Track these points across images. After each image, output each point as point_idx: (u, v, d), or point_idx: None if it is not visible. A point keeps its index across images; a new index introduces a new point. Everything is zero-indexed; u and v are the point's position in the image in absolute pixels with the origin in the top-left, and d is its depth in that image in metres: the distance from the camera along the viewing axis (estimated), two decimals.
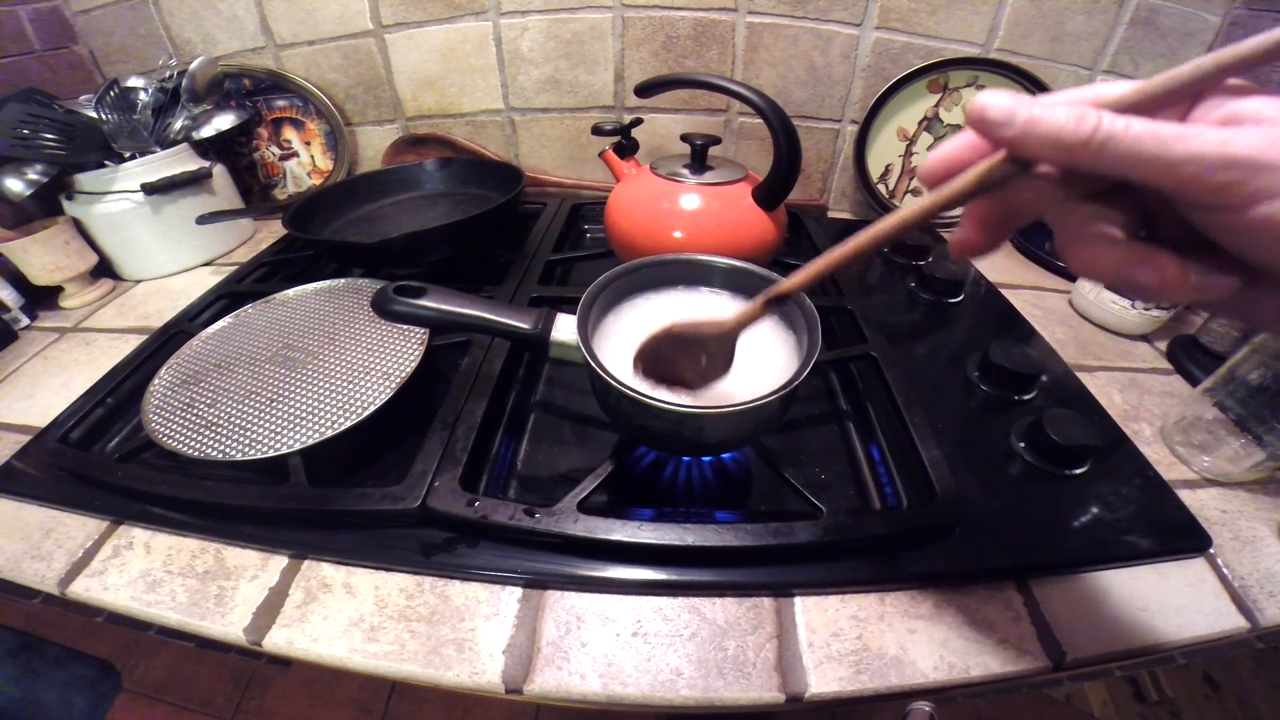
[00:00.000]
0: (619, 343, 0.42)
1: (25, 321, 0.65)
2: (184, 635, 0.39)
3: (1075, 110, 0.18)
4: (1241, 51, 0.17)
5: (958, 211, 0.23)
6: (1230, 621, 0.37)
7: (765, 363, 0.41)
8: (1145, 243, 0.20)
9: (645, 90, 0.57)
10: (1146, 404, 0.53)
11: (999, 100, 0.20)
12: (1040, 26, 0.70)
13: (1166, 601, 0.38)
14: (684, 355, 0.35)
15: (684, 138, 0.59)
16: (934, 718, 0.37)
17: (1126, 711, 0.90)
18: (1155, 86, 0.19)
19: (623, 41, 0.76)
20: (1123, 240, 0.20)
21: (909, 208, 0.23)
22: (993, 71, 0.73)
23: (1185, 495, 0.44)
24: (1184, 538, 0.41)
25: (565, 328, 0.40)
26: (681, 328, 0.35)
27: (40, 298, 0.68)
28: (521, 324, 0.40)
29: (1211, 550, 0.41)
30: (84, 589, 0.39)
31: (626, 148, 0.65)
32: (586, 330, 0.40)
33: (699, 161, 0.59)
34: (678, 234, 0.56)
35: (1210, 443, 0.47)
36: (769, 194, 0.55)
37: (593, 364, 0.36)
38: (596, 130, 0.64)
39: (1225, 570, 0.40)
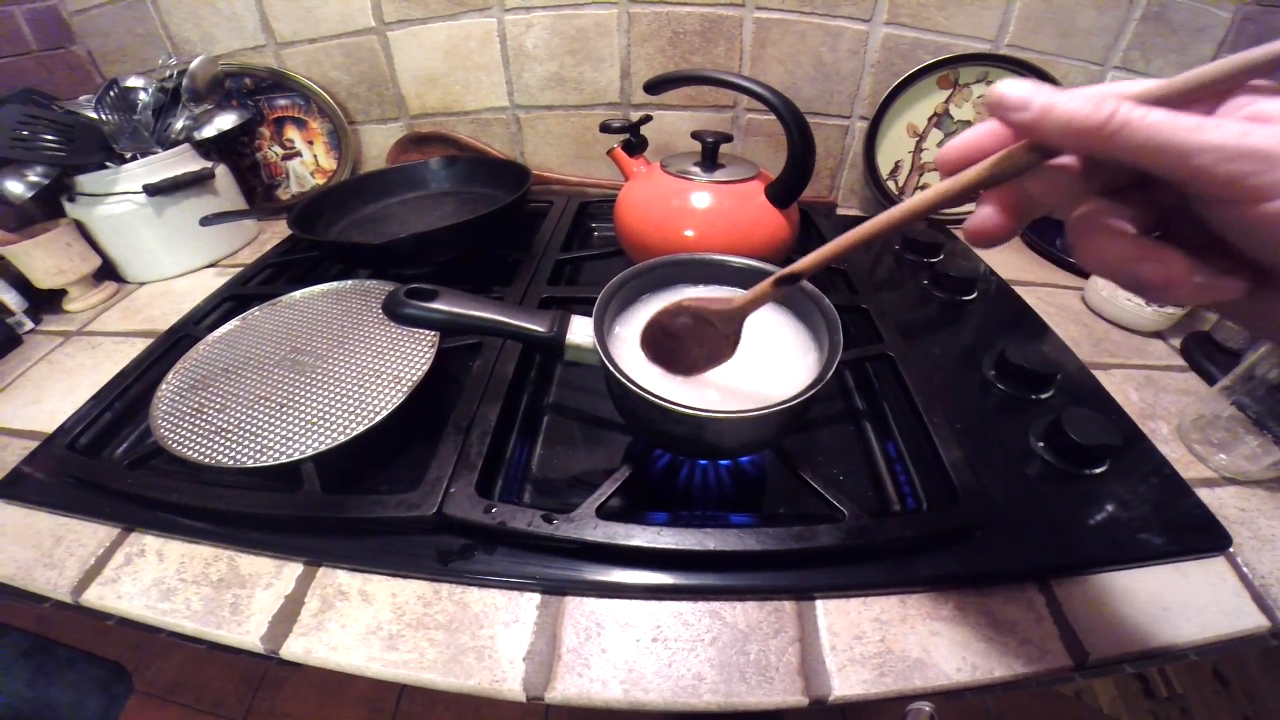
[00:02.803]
0: (635, 344, 0.41)
1: (29, 325, 0.65)
2: (198, 641, 0.39)
3: (1093, 97, 0.18)
4: (1270, 52, 0.17)
5: (960, 209, 0.23)
6: (1251, 620, 0.37)
7: (783, 363, 0.41)
8: (1155, 240, 0.20)
9: (656, 86, 0.56)
10: (1163, 402, 0.53)
11: (1018, 87, 0.20)
12: (1051, 22, 0.69)
13: (1187, 600, 0.38)
14: (691, 334, 0.36)
15: (695, 135, 0.58)
16: (934, 718, 0.37)
17: (1135, 708, 0.90)
18: (1179, 84, 0.18)
19: (629, 37, 0.75)
20: (1132, 236, 0.20)
21: (921, 195, 0.24)
22: (1003, 67, 0.72)
23: (1204, 494, 0.44)
24: (1204, 536, 0.41)
25: (581, 330, 0.39)
26: (690, 304, 0.35)
27: (44, 301, 0.67)
28: (537, 327, 0.39)
29: (1231, 549, 0.41)
30: (97, 597, 0.39)
31: (635, 145, 0.64)
32: (603, 333, 0.39)
33: (710, 159, 0.58)
34: (689, 233, 0.55)
35: (1228, 441, 0.46)
36: (783, 191, 0.55)
37: (611, 368, 0.36)
38: (605, 128, 0.63)
39: (1245, 569, 0.40)
